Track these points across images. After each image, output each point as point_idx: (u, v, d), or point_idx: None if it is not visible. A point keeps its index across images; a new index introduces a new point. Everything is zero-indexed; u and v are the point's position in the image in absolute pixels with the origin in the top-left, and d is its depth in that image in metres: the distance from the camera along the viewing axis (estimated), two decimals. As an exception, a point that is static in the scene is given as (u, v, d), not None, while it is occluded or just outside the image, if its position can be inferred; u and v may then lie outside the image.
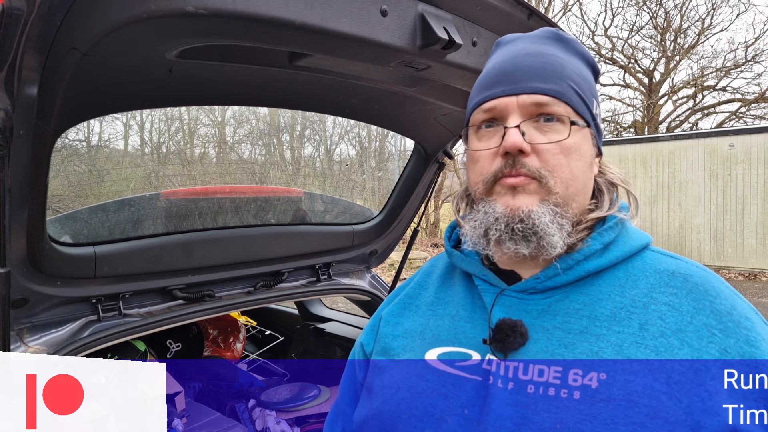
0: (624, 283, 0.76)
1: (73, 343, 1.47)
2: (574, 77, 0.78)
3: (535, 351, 0.74)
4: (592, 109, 0.80)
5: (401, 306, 0.92)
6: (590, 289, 0.77)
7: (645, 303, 0.74)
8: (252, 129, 2.79)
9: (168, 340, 2.37)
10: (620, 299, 0.75)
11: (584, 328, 0.73)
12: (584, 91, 0.78)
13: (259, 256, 1.91)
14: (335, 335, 2.63)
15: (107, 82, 1.15)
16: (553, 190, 0.74)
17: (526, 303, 0.77)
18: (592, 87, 0.82)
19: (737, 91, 16.67)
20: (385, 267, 9.82)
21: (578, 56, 0.83)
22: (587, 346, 0.72)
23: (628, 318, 0.73)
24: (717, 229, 10.84)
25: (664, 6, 16.81)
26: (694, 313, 0.72)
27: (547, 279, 0.77)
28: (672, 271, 0.77)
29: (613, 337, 0.72)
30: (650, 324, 0.72)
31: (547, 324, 0.75)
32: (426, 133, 1.93)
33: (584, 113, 0.78)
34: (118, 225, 1.72)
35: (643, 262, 0.79)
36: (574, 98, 0.77)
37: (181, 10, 0.89)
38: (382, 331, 0.91)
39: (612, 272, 0.77)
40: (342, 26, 1.05)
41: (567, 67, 0.78)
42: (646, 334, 0.71)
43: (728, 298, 0.74)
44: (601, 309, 0.74)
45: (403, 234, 2.41)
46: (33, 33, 0.83)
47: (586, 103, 0.78)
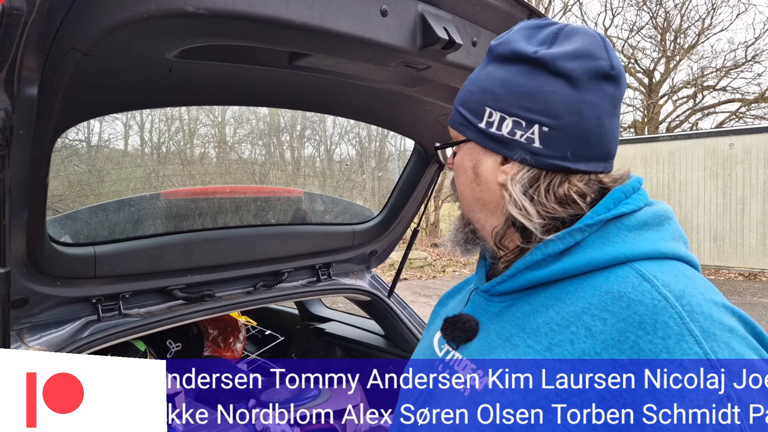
0: (566, 299, 0.72)
1: (73, 343, 1.47)
2: (462, 96, 0.83)
3: (471, 349, 0.79)
4: (478, 121, 0.79)
5: (455, 289, 1.02)
6: (536, 299, 0.75)
7: (569, 323, 0.70)
8: (252, 129, 2.79)
9: (168, 340, 2.36)
10: (553, 314, 0.72)
11: (509, 336, 0.75)
12: (469, 106, 0.81)
13: (259, 256, 1.91)
14: (335, 335, 2.63)
15: (107, 82, 1.15)
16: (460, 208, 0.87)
17: (488, 304, 0.82)
18: (488, 94, 0.78)
19: (737, 91, 16.67)
20: (385, 267, 9.82)
21: (493, 61, 0.80)
22: (501, 353, 0.75)
23: (545, 335, 0.71)
24: (717, 229, 10.84)
25: (664, 6, 16.82)
26: (610, 344, 0.66)
27: (497, 284, 0.80)
28: (622, 294, 0.68)
29: (522, 350, 0.72)
30: (557, 346, 0.69)
31: (492, 326, 0.79)
32: (426, 133, 1.93)
33: (464, 130, 0.82)
34: (118, 225, 1.72)
35: (606, 278, 0.71)
36: (456, 119, 0.83)
37: (181, 10, 0.89)
38: (435, 308, 1.03)
39: (565, 285, 0.73)
40: (342, 26, 1.05)
41: (463, 89, 0.84)
42: (548, 354, 0.69)
43: (669, 338, 0.63)
44: (533, 322, 0.73)
45: (403, 234, 2.41)
46: (33, 33, 0.83)
47: (467, 118, 0.81)
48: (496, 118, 0.78)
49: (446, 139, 0.89)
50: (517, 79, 0.77)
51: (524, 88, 0.76)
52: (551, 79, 0.74)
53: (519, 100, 0.76)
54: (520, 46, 0.77)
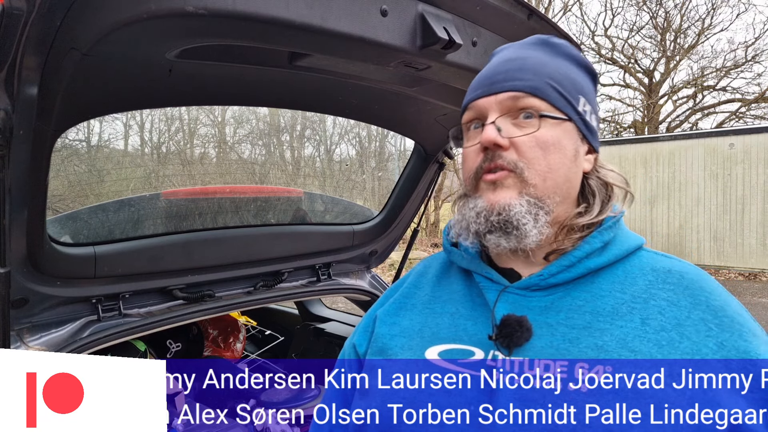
0: (623, 280, 0.78)
1: (73, 343, 1.47)
2: (554, 74, 0.80)
3: (540, 347, 0.74)
4: (576, 105, 0.81)
5: (397, 306, 0.92)
6: (591, 286, 0.78)
7: (645, 299, 0.76)
8: (252, 129, 2.79)
9: (168, 340, 2.37)
10: (621, 295, 0.77)
11: (588, 324, 0.75)
12: (565, 87, 0.80)
13: (259, 256, 1.91)
14: (335, 335, 2.63)
15: (107, 82, 1.15)
16: (530, 182, 0.76)
17: (529, 300, 0.78)
18: (579, 85, 0.83)
19: (737, 91, 16.65)
20: (385, 267, 9.82)
21: (566, 58, 0.84)
22: (592, 341, 0.74)
23: (629, 313, 0.75)
24: (717, 229, 10.83)
25: (664, 6, 16.81)
26: (691, 308, 0.75)
27: (550, 276, 0.78)
28: (668, 268, 0.79)
29: (617, 332, 0.74)
30: (651, 318, 0.74)
31: (550, 320, 0.76)
32: (426, 133, 1.93)
33: (564, 107, 0.79)
34: (118, 225, 1.72)
35: (639, 260, 0.81)
36: (550, 93, 0.79)
37: (181, 10, 0.89)
38: (378, 331, 0.90)
39: (611, 270, 0.79)
40: (342, 26, 1.05)
41: (548, 65, 0.81)
42: (648, 328, 0.74)
43: (721, 295, 0.77)
44: (603, 305, 0.76)
45: (403, 234, 2.41)
46: (33, 33, 0.83)
47: (566, 98, 0.80)
48: (588, 109, 0.83)
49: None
50: (588, 84, 0.85)
51: (593, 93, 0.86)
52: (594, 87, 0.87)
53: (595, 102, 0.85)
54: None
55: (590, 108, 0.83)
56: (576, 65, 0.85)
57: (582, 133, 0.82)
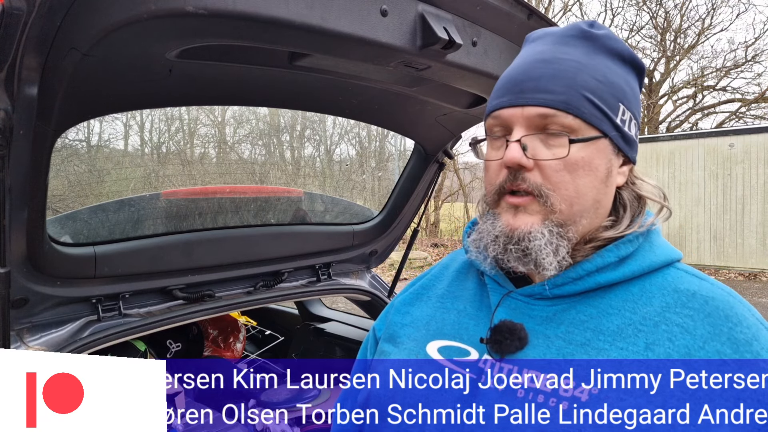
0: (637, 299, 0.73)
1: (73, 343, 1.47)
2: (591, 83, 0.72)
3: (532, 357, 0.73)
4: (614, 116, 0.73)
5: (414, 296, 0.92)
6: (600, 301, 0.74)
7: (656, 322, 0.70)
8: (252, 129, 2.79)
9: (168, 340, 2.36)
10: (630, 315, 0.71)
11: (587, 341, 0.71)
12: (603, 98, 0.73)
13: (259, 256, 1.91)
14: (335, 335, 2.63)
15: (107, 82, 1.15)
16: (555, 209, 0.71)
17: (531, 308, 0.76)
18: (620, 89, 0.75)
19: (737, 91, 16.67)
20: (385, 267, 9.82)
21: (608, 54, 0.76)
22: (586, 360, 0.70)
23: (634, 335, 0.70)
24: (717, 229, 10.83)
25: (664, 6, 16.82)
26: (708, 338, 0.68)
27: (554, 287, 0.75)
28: (693, 291, 0.72)
29: (615, 353, 0.69)
30: (657, 344, 0.69)
31: (549, 332, 0.74)
32: (426, 133, 1.93)
33: (600, 123, 0.72)
34: (118, 225, 1.72)
35: (663, 279, 0.74)
36: (585, 108, 0.71)
37: (181, 10, 0.89)
38: (391, 318, 0.92)
39: (626, 287, 0.74)
40: (342, 26, 1.05)
41: (583, 72, 0.72)
42: (651, 354, 0.68)
43: (751, 327, 0.69)
44: (608, 324, 0.72)
45: (403, 234, 2.41)
46: (33, 33, 0.83)
47: (603, 111, 0.72)
48: (628, 117, 0.76)
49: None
50: (631, 81, 0.77)
51: (635, 91, 0.78)
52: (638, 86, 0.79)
53: (637, 101, 0.78)
54: (631, 50, 0.78)
55: (630, 115, 0.76)
56: (619, 61, 0.76)
57: (618, 146, 0.75)
